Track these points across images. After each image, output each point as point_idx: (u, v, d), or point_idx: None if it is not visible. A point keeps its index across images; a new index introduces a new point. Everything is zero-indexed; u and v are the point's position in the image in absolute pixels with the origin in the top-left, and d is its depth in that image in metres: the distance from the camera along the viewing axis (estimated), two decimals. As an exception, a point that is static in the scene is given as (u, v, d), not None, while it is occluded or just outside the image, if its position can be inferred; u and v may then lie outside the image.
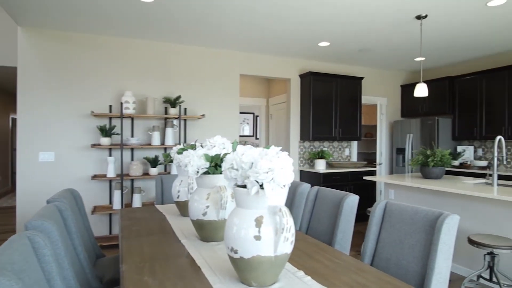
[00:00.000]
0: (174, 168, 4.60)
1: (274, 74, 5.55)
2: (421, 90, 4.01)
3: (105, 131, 4.20)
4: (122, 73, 4.55)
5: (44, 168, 4.19)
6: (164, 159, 4.48)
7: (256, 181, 1.21)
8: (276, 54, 5.44)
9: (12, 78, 6.24)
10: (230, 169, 1.30)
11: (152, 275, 1.42)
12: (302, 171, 5.70)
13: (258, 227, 1.23)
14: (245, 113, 8.94)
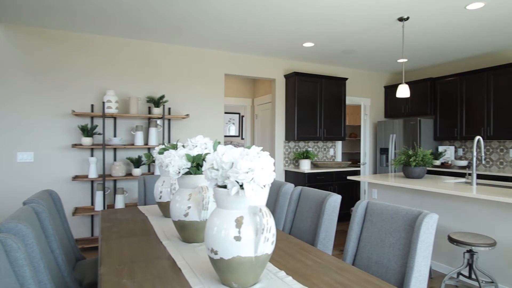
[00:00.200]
0: (158, 168, 4.54)
1: (259, 74, 5.55)
2: (403, 91, 4.07)
3: (86, 131, 4.11)
4: (104, 71, 4.47)
5: (22, 168, 4.08)
6: (146, 159, 4.43)
7: (236, 181, 1.20)
8: (261, 54, 5.44)
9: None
10: (210, 169, 1.29)
11: (131, 278, 1.39)
12: (287, 171, 5.71)
13: (238, 228, 1.22)
14: (231, 113, 8.92)
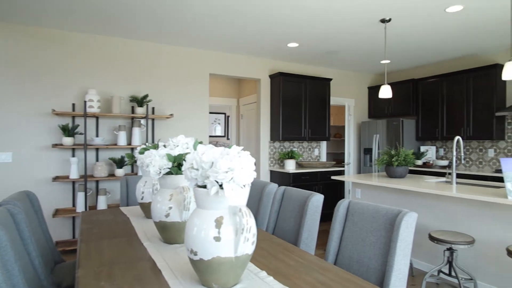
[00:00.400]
0: (140, 168, 4.48)
1: (244, 74, 5.54)
2: (385, 92, 4.13)
3: (67, 131, 4.02)
4: (86, 70, 4.38)
5: (0, 169, 3.96)
6: (128, 160, 4.36)
7: (216, 181, 1.19)
8: (246, 54, 5.44)
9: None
10: (190, 168, 1.27)
11: (109, 280, 1.36)
12: (272, 171, 5.72)
13: (218, 228, 1.21)
14: (216, 113, 8.87)
